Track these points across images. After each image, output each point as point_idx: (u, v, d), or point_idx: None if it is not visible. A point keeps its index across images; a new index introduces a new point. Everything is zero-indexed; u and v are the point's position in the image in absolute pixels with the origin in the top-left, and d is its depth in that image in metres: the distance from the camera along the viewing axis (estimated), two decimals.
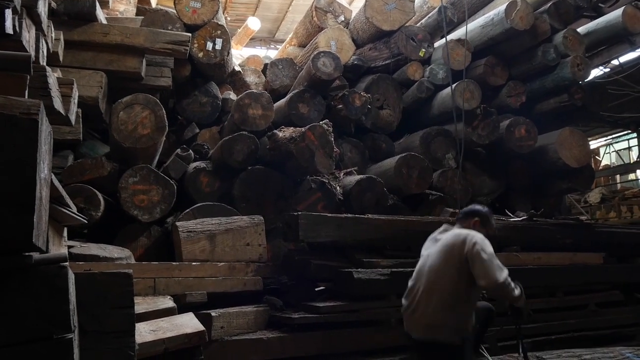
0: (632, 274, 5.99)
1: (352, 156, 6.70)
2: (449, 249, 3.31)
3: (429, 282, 3.30)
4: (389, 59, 7.21)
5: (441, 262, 3.30)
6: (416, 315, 3.30)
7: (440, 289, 3.24)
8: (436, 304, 3.22)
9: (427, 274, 3.34)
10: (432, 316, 3.21)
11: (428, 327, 3.23)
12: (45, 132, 1.72)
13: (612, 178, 21.79)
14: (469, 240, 3.25)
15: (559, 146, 6.89)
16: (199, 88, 6.58)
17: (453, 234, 3.43)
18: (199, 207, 5.18)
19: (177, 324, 3.30)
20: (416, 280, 3.43)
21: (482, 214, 3.63)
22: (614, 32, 7.86)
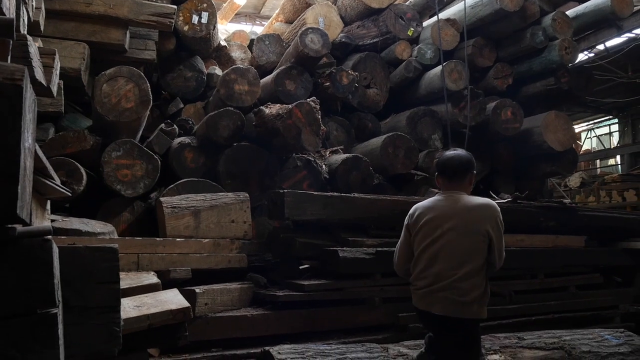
0: (612, 258, 6.08)
1: (338, 135, 6.67)
2: (474, 224, 3.08)
3: (453, 260, 3.07)
4: (377, 38, 7.14)
5: (464, 239, 3.07)
6: (441, 294, 3.08)
7: (467, 267, 3.05)
8: (464, 282, 3.04)
9: (450, 250, 3.09)
10: (460, 294, 3.04)
11: (455, 304, 3.05)
12: (30, 100, 1.66)
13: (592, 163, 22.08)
14: (496, 216, 3.10)
15: (544, 129, 6.92)
16: (184, 62, 6.46)
17: (472, 205, 3.15)
18: (183, 182, 5.11)
19: (162, 300, 3.27)
20: (434, 257, 3.14)
21: (473, 162, 3.33)
22: (602, 15, 7.87)
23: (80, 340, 2.17)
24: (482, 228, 3.06)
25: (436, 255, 3.14)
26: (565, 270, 5.71)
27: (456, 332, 3.15)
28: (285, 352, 3.48)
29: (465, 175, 3.25)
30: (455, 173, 3.24)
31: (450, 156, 3.30)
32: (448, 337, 3.19)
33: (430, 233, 3.17)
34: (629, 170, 18.58)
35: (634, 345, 4.56)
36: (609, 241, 6.22)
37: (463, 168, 3.25)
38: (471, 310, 3.08)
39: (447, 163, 3.28)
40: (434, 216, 3.19)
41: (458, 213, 3.13)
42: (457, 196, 3.20)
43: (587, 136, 22.78)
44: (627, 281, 6.19)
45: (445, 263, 3.11)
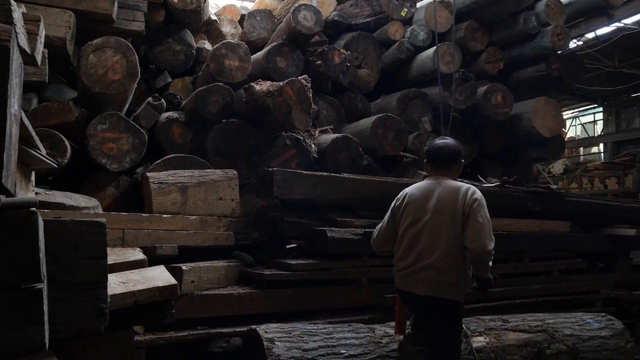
0: (595, 244, 6.15)
1: (328, 114, 6.60)
2: (452, 208, 3.15)
3: (433, 240, 3.16)
4: (370, 17, 7.06)
5: (443, 219, 3.15)
6: (422, 274, 3.17)
7: (446, 247, 3.13)
8: (443, 262, 3.13)
9: (430, 231, 3.18)
10: (440, 274, 3.12)
11: (435, 284, 3.13)
12: (17, 63, 1.58)
13: (576, 150, 22.28)
14: (470, 195, 3.14)
15: (534, 115, 6.93)
16: (173, 35, 6.32)
17: (449, 189, 3.23)
18: (170, 158, 5.03)
19: (148, 277, 3.20)
20: (415, 238, 3.23)
21: (461, 152, 3.41)
22: (594, 3, 7.87)
23: (66, 317, 2.11)
24: (459, 211, 3.13)
25: (417, 236, 3.24)
26: (549, 254, 5.77)
27: (437, 312, 3.21)
28: (272, 331, 3.46)
29: (453, 165, 3.36)
30: (443, 162, 3.36)
31: (439, 145, 3.41)
32: (429, 317, 3.27)
33: (412, 216, 3.28)
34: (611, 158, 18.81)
35: (614, 329, 4.63)
36: (593, 227, 6.28)
37: (451, 158, 3.36)
38: (450, 291, 3.15)
39: (436, 152, 3.39)
40: (417, 199, 3.30)
41: (439, 197, 3.22)
42: (441, 181, 3.30)
43: (572, 124, 22.93)
44: (609, 267, 6.29)
45: (426, 244, 3.20)
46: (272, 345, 3.31)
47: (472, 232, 3.08)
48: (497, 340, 4.12)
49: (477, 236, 3.06)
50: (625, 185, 15.11)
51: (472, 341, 3.98)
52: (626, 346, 4.62)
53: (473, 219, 3.09)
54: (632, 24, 11.97)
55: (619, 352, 4.53)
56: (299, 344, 3.40)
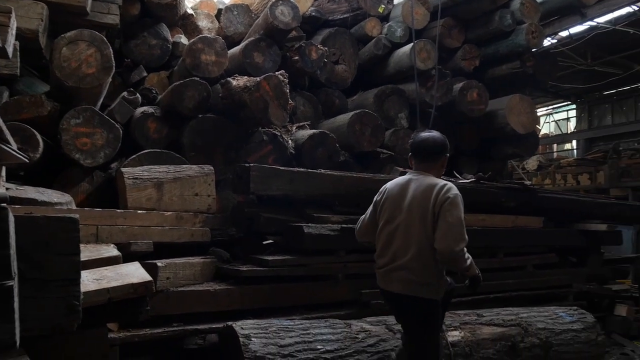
0: (568, 239, 6.25)
1: (305, 110, 6.59)
2: (424, 206, 3.10)
3: (406, 239, 3.14)
4: (347, 13, 7.07)
5: (416, 217, 3.11)
6: (397, 273, 3.17)
7: (418, 247, 3.10)
8: (415, 262, 3.11)
9: (404, 230, 3.16)
10: (413, 274, 3.11)
11: (409, 283, 3.12)
12: None
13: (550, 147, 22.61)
14: (443, 193, 3.07)
15: (508, 112, 7.00)
16: (148, 29, 6.23)
17: (424, 186, 3.17)
18: (146, 153, 4.97)
19: (123, 274, 3.18)
20: (391, 237, 3.23)
21: (447, 145, 3.33)
22: (568, 2, 8.02)
23: (37, 314, 2.08)
24: (429, 210, 3.07)
25: (393, 235, 3.23)
26: (523, 249, 5.85)
27: (412, 310, 3.20)
28: (248, 327, 3.46)
29: (438, 159, 3.30)
30: (427, 155, 3.29)
31: (424, 137, 3.32)
32: (405, 316, 3.28)
33: (388, 213, 3.27)
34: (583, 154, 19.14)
35: (586, 323, 4.73)
36: (566, 222, 6.39)
37: (435, 151, 3.28)
38: (424, 290, 3.13)
39: (420, 145, 3.31)
40: (394, 195, 3.28)
41: (413, 194, 3.18)
42: (421, 177, 3.23)
43: (545, 120, 23.27)
44: (581, 261, 6.39)
45: (400, 243, 3.18)
46: (249, 341, 3.31)
47: (439, 233, 3.02)
48: (471, 334, 4.18)
49: (444, 237, 3.00)
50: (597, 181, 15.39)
51: (448, 335, 4.04)
52: (597, 339, 4.72)
53: (442, 219, 3.02)
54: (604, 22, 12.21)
55: (590, 345, 4.63)
56: (276, 340, 3.41)
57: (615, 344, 5.90)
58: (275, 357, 3.30)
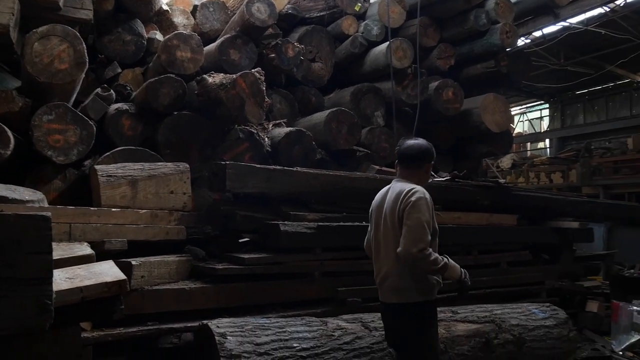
0: (541, 236, 6.34)
1: (282, 108, 6.58)
2: (394, 213, 3.14)
3: (386, 247, 3.21)
4: (324, 11, 7.07)
5: (393, 226, 3.16)
6: (386, 283, 3.24)
7: (395, 254, 3.12)
8: (398, 268, 3.14)
9: (385, 240, 3.22)
10: (400, 281, 3.15)
11: (396, 290, 3.18)
12: None
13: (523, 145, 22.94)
14: (407, 198, 3.08)
15: (483, 111, 7.07)
16: (123, 25, 6.15)
17: (395, 193, 3.20)
18: (120, 150, 4.92)
19: (96, 272, 3.13)
20: (377, 247, 3.32)
21: (433, 154, 3.33)
22: (541, 3, 8.14)
23: (8, 314, 2.05)
24: (397, 216, 3.12)
25: (378, 244, 3.32)
26: (497, 247, 5.91)
27: (408, 318, 3.20)
28: (224, 326, 3.44)
29: (420, 165, 3.31)
30: (409, 162, 3.31)
31: (409, 145, 3.34)
32: (403, 326, 3.25)
33: (374, 222, 3.38)
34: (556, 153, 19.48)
35: (558, 319, 4.81)
36: (539, 220, 6.48)
37: (417, 157, 3.30)
38: (412, 294, 3.16)
39: (405, 152, 3.34)
40: (378, 205, 3.36)
41: (388, 202, 3.23)
42: (399, 184, 3.27)
43: (519, 120, 23.60)
44: (554, 258, 6.48)
45: (383, 252, 3.26)
46: (224, 340, 3.29)
47: (401, 237, 3.04)
48: (446, 331, 4.22)
49: (402, 240, 3.02)
50: (569, 179, 15.68)
51: None
52: (569, 335, 4.80)
53: (404, 222, 3.04)
54: (577, 23, 12.44)
55: (563, 341, 4.71)
56: (252, 338, 3.39)
57: (587, 340, 6.01)
58: (251, 355, 3.28)
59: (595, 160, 15.91)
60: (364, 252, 4.73)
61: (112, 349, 3.71)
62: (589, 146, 17.33)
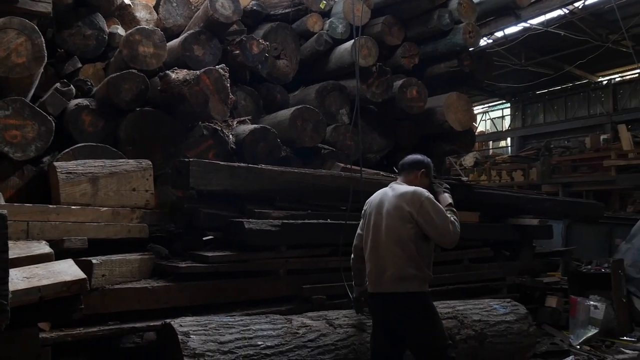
0: (502, 233, 6.47)
1: (246, 105, 6.54)
2: (400, 209, 3.45)
3: (391, 242, 3.46)
4: (289, 8, 7.05)
5: (397, 222, 3.44)
6: (387, 273, 3.44)
7: (403, 247, 3.41)
8: (404, 260, 3.40)
9: (387, 234, 3.48)
10: (403, 271, 3.39)
11: (401, 280, 3.40)
12: None
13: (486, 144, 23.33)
14: (416, 200, 3.42)
15: (446, 109, 7.15)
16: (83, 19, 5.99)
17: (399, 192, 3.52)
18: (80, 147, 4.82)
19: (55, 271, 3.06)
20: (376, 241, 3.55)
21: (426, 164, 3.76)
22: (503, 3, 8.27)
23: None
24: (406, 213, 3.42)
25: (377, 238, 3.54)
26: (460, 244, 5.97)
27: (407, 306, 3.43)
28: (187, 325, 3.40)
29: (411, 172, 3.72)
30: (405, 168, 3.77)
31: (407, 158, 3.83)
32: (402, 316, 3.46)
33: (374, 219, 3.61)
34: (517, 152, 19.86)
35: (518, 314, 4.91)
36: (500, 217, 6.60)
37: (411, 164, 3.75)
38: (413, 284, 3.42)
39: (403, 162, 3.83)
40: (377, 203, 3.64)
41: (390, 200, 3.54)
42: (398, 185, 3.64)
43: (482, 118, 23.99)
44: (514, 255, 6.63)
45: (384, 245, 3.49)
46: (188, 339, 3.26)
47: (433, 232, 3.42)
48: None
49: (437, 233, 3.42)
50: (530, 177, 16.01)
51: None
52: (529, 330, 4.91)
53: (428, 221, 3.39)
54: (537, 24, 12.70)
55: (523, 336, 4.81)
56: (215, 336, 3.37)
57: (546, 334, 6.16)
58: (215, 354, 3.26)
59: (554, 159, 16.28)
60: (328, 250, 4.79)
61: (71, 350, 3.64)
62: (548, 145, 17.73)
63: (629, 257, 6.97)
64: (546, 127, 20.20)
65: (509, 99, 21.87)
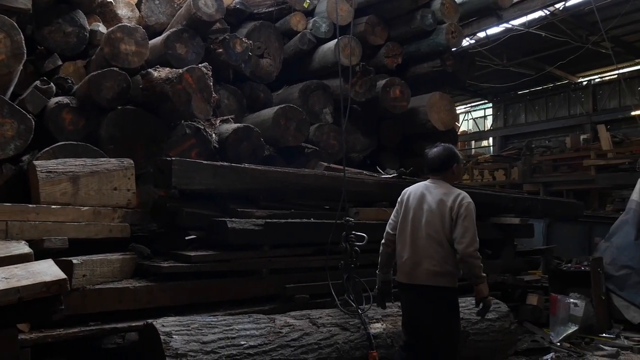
0: (484, 232, 6.42)
1: (230, 104, 6.51)
2: (442, 207, 3.56)
3: (429, 237, 3.58)
4: (272, 7, 7.04)
5: (437, 219, 3.56)
6: (423, 267, 3.58)
7: (440, 243, 3.55)
8: (441, 256, 3.55)
9: (426, 229, 3.59)
10: (438, 266, 3.55)
11: (436, 274, 3.55)
12: None
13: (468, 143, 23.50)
14: (459, 202, 3.54)
15: (429, 109, 7.20)
16: (64, 15, 5.91)
17: (443, 192, 3.62)
18: (60, 146, 4.75)
19: (34, 272, 3.01)
20: (414, 235, 3.65)
21: (454, 155, 3.80)
22: (485, 4, 8.34)
23: None
24: (447, 211, 3.54)
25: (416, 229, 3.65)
26: None
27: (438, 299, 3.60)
28: (169, 325, 3.38)
29: (447, 168, 3.76)
30: (436, 168, 3.79)
31: (430, 155, 3.84)
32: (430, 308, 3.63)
33: (412, 210, 3.71)
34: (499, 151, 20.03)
35: (500, 312, 4.96)
36: (482, 216, 6.62)
37: (441, 164, 3.77)
38: (445, 279, 3.57)
39: (429, 161, 3.84)
40: (417, 198, 3.72)
41: (433, 198, 3.63)
42: (438, 184, 3.72)
43: (464, 118, 24.15)
44: (496, 253, 6.68)
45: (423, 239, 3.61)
46: (170, 339, 3.24)
47: (459, 234, 3.50)
48: (393, 326, 4.28)
49: (462, 240, 3.49)
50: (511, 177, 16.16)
51: (370, 328, 4.11)
52: (510, 327, 4.96)
53: (461, 224, 3.50)
54: (519, 25, 12.82)
55: (504, 333, 4.86)
56: (198, 336, 3.35)
57: (527, 332, 6.22)
58: (198, 354, 3.24)
59: (535, 158, 16.45)
60: (311, 249, 4.79)
61: (52, 351, 3.59)
62: (530, 145, 17.92)
63: (608, 255, 7.08)
64: (527, 127, 20.41)
65: (491, 99, 22.06)
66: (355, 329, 4.06)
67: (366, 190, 5.50)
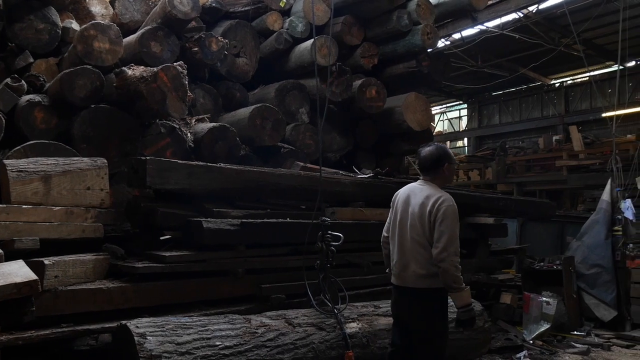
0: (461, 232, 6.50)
1: (205, 103, 6.47)
2: (423, 210, 3.54)
3: (414, 240, 3.58)
4: (248, 6, 7.01)
5: (419, 222, 3.56)
6: (410, 270, 3.59)
7: (423, 246, 3.54)
8: (424, 259, 3.53)
9: (410, 233, 3.60)
10: (424, 269, 3.53)
11: (423, 276, 3.54)
12: None
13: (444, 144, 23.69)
14: (437, 205, 3.49)
15: (405, 109, 7.23)
16: (35, 12, 5.80)
17: (425, 195, 3.59)
18: (32, 144, 4.67)
19: (5, 273, 2.97)
20: (401, 237, 3.67)
21: (446, 154, 3.74)
22: (460, 6, 8.40)
23: None
24: (426, 216, 3.52)
25: (403, 234, 3.66)
26: None
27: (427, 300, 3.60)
28: (143, 326, 3.35)
29: (438, 169, 3.71)
30: (427, 168, 3.75)
31: (422, 154, 3.78)
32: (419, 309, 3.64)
33: (400, 213, 3.73)
34: (474, 152, 20.26)
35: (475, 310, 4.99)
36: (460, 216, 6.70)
37: (432, 163, 3.72)
38: (433, 280, 3.55)
39: (420, 160, 3.82)
40: (404, 200, 3.74)
41: (416, 200, 3.62)
42: (425, 186, 3.70)
43: (439, 119, 24.37)
44: (471, 253, 6.74)
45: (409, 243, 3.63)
46: (144, 340, 3.21)
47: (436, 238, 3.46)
48: (369, 325, 4.30)
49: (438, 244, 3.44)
50: (486, 177, 16.37)
51: (346, 327, 4.12)
52: (484, 326, 5.02)
53: (438, 228, 3.46)
54: (493, 27, 12.98)
55: (479, 332, 4.91)
56: (173, 337, 3.33)
57: (501, 330, 6.31)
58: (173, 355, 3.22)
59: (509, 158, 16.69)
60: (287, 249, 4.79)
61: (23, 353, 3.53)
62: (504, 145, 18.16)
63: (579, 254, 7.21)
64: (501, 127, 20.68)
65: (465, 99, 22.30)
66: (331, 329, 4.07)
67: (342, 190, 5.51)
